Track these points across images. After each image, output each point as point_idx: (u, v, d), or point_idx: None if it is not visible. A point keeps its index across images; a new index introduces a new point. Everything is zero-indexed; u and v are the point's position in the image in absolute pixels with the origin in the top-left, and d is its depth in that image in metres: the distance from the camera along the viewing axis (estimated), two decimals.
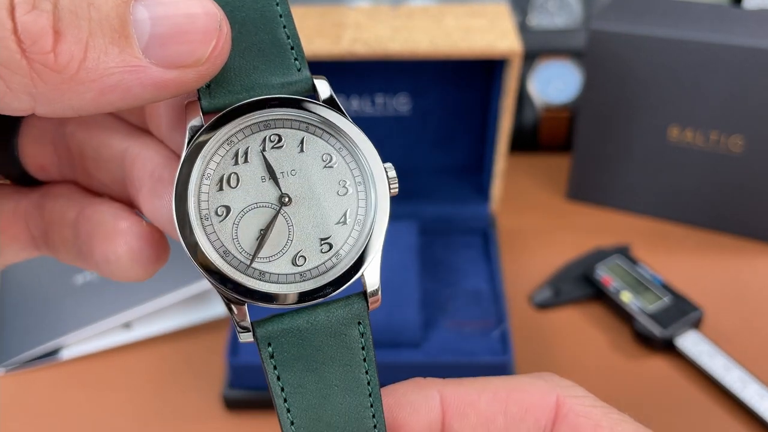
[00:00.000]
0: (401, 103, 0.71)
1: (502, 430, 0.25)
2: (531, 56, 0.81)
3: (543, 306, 0.64)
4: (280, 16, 0.24)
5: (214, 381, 0.58)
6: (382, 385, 0.25)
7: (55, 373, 0.60)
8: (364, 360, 0.24)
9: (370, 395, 0.24)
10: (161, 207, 0.24)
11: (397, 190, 0.25)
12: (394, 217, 0.78)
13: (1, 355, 0.60)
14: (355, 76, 0.68)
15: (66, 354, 0.61)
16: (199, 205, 0.23)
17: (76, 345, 0.61)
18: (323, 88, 0.24)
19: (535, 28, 0.83)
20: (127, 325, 0.62)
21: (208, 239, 0.23)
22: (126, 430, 0.55)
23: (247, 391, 0.55)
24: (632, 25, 0.67)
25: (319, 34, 0.60)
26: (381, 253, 0.24)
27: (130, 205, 0.26)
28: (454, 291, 0.64)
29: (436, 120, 0.73)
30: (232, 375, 0.55)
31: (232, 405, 0.55)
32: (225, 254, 0.23)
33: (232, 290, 0.23)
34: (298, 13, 0.64)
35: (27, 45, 0.18)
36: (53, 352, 0.61)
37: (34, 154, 0.27)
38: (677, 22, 0.67)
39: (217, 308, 0.64)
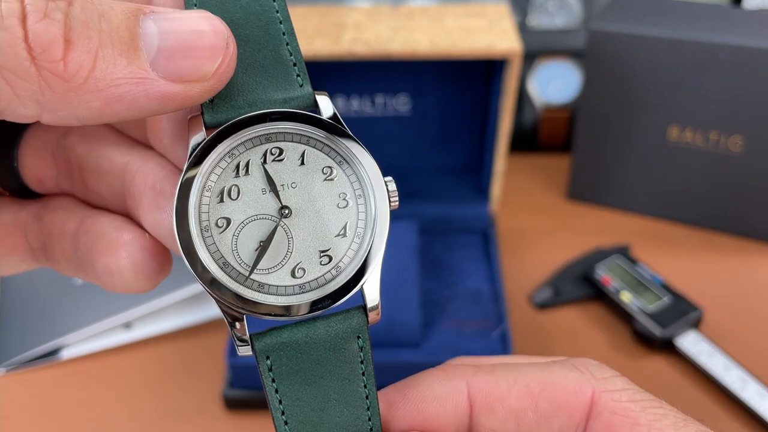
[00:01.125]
0: (401, 103, 0.71)
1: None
2: (531, 56, 0.81)
3: (543, 306, 0.64)
4: (283, 33, 0.24)
5: (214, 381, 0.58)
6: (381, 386, 0.25)
7: (55, 373, 0.60)
8: (363, 374, 0.24)
9: (368, 408, 0.24)
10: (162, 219, 0.24)
11: (397, 203, 0.25)
12: (393, 217, 0.78)
13: (1, 355, 0.60)
14: (355, 76, 0.68)
15: (66, 354, 0.61)
16: (199, 216, 0.23)
17: (76, 345, 0.61)
18: (325, 103, 0.25)
19: (535, 28, 0.83)
20: (127, 325, 0.62)
21: (208, 251, 0.23)
22: (126, 430, 0.55)
23: (247, 391, 0.55)
24: (632, 25, 0.67)
25: (319, 34, 0.60)
26: (381, 266, 0.24)
27: (127, 218, 0.26)
28: (454, 291, 0.64)
29: (436, 120, 0.73)
30: (232, 375, 0.55)
31: (232, 405, 0.55)
32: (224, 265, 0.23)
33: (230, 302, 0.23)
34: (298, 13, 0.64)
35: (37, 53, 0.18)
36: (53, 352, 0.61)
37: (33, 165, 0.27)
38: (677, 22, 0.67)
39: (216, 308, 0.64)
